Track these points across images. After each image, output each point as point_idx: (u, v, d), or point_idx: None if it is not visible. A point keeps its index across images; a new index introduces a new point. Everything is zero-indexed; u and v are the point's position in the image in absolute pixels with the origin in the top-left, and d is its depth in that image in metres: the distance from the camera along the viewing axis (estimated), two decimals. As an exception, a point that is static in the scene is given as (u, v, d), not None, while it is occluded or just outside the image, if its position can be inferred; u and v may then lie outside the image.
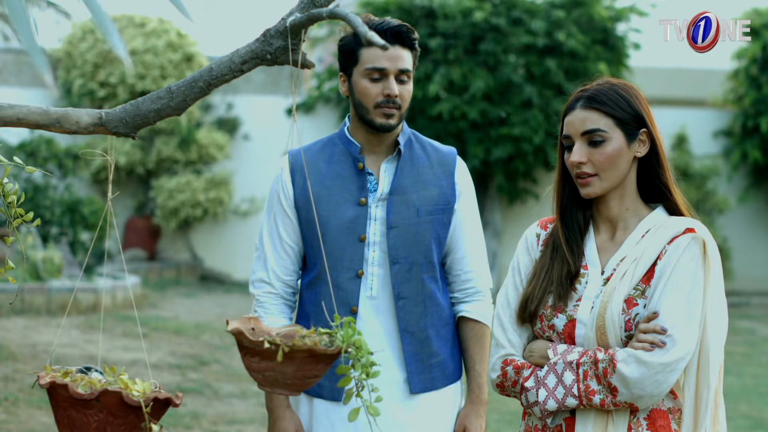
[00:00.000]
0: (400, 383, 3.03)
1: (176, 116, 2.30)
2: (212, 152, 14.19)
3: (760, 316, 13.17)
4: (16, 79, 14.29)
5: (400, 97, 2.99)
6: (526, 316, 2.63)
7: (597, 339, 2.51)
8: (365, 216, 3.01)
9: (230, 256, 14.41)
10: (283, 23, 2.19)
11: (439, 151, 3.13)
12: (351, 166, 3.04)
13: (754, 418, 7.25)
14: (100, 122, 2.28)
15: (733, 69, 14.82)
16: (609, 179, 2.57)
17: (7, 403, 6.70)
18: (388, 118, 2.98)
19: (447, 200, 3.07)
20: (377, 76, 2.98)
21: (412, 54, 3.03)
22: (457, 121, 13.40)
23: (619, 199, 2.60)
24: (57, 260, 10.61)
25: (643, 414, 2.51)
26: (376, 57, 2.98)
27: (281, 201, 3.07)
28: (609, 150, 2.55)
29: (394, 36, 2.99)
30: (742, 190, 14.84)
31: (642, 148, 2.59)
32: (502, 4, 13.63)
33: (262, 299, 3.08)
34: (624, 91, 2.59)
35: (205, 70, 2.25)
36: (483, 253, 3.14)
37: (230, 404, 7.05)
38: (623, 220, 2.61)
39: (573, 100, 2.61)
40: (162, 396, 2.20)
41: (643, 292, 2.51)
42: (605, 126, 2.55)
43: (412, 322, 3.02)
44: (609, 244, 2.62)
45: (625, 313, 2.50)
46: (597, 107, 2.56)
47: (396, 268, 3.00)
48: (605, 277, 2.57)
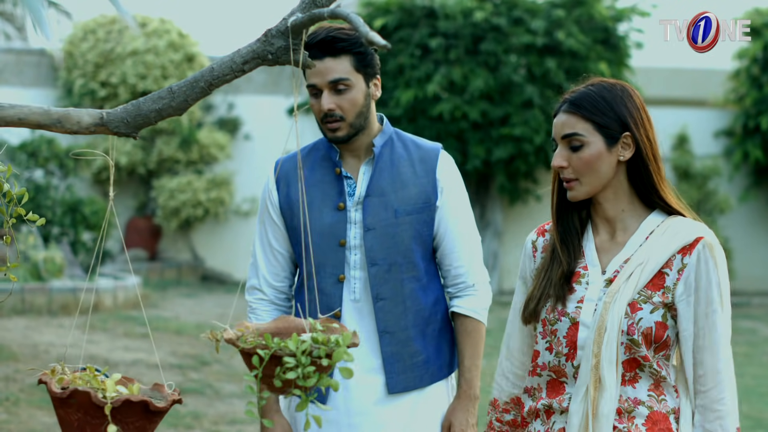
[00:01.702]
0: (380, 385, 3.03)
1: (177, 116, 2.31)
2: (213, 152, 14.20)
3: (761, 316, 13.17)
4: (17, 80, 14.31)
5: (340, 108, 2.95)
6: (527, 316, 2.63)
7: (595, 340, 2.50)
8: (345, 220, 3.02)
9: (231, 256, 14.42)
10: (284, 23, 2.19)
11: (422, 148, 3.10)
12: (331, 172, 3.05)
13: (755, 418, 7.26)
14: (102, 122, 2.28)
15: (734, 69, 14.83)
16: (590, 183, 2.55)
17: (8, 403, 6.71)
18: (333, 132, 2.98)
19: (427, 198, 3.04)
20: (315, 92, 2.98)
21: (352, 58, 2.96)
22: (457, 121, 13.40)
23: (612, 201, 2.59)
24: (58, 260, 10.62)
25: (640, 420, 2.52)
26: (311, 73, 2.96)
27: (269, 209, 3.11)
28: (586, 155, 2.54)
29: (321, 47, 2.93)
30: (743, 190, 14.85)
31: (626, 152, 2.56)
32: (502, 4, 13.64)
33: (254, 305, 3.12)
34: (611, 93, 2.56)
35: (207, 70, 2.25)
36: (474, 246, 3.11)
37: (231, 404, 7.05)
38: (621, 221, 2.60)
39: (561, 102, 2.60)
40: (135, 398, 2.17)
41: (649, 298, 2.50)
42: (583, 130, 2.54)
43: (392, 323, 3.02)
44: (609, 244, 2.60)
45: (628, 317, 2.49)
46: (576, 111, 2.55)
47: (374, 269, 3.00)
48: (607, 278, 2.56)
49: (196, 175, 14.15)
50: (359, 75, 2.97)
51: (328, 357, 2.00)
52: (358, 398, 3.02)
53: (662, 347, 2.52)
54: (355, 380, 2.99)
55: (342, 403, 3.02)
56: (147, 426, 2.21)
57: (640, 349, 2.49)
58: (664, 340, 2.51)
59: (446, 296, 3.14)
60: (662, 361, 2.53)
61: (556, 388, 2.60)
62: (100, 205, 12.09)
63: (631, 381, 2.52)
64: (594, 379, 2.51)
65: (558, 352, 2.57)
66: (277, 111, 14.56)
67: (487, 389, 4.06)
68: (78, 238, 11.85)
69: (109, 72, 13.98)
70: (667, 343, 2.52)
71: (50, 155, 12.05)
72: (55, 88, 14.46)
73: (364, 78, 2.98)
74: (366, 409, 3.01)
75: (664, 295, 2.51)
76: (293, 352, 1.99)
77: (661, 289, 2.52)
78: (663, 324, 2.51)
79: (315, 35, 2.93)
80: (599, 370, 2.50)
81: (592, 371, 2.51)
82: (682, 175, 14.55)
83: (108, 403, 2.15)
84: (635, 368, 2.51)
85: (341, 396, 3.02)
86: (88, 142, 13.47)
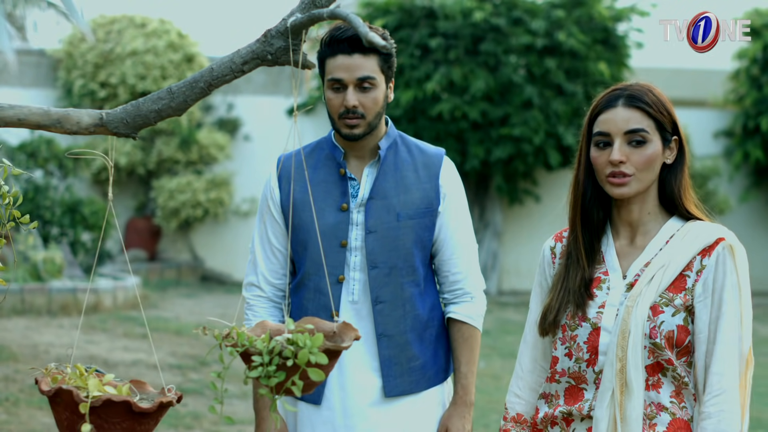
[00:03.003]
0: (376, 388, 3.03)
1: (177, 117, 2.30)
2: (213, 153, 14.20)
3: (760, 316, 13.16)
4: (17, 80, 14.31)
5: (363, 106, 2.95)
6: (546, 327, 2.59)
7: (618, 344, 2.46)
8: (347, 221, 3.01)
9: (231, 257, 14.42)
10: (283, 24, 2.19)
11: (426, 153, 3.10)
12: (335, 172, 3.04)
13: (755, 418, 7.25)
14: (101, 123, 2.28)
15: (733, 69, 14.83)
16: (644, 181, 2.52)
17: (8, 404, 6.71)
18: (351, 128, 2.96)
19: (430, 203, 3.05)
20: (338, 86, 2.95)
21: (378, 58, 2.96)
22: (457, 121, 13.40)
23: (641, 203, 2.55)
24: (58, 260, 10.61)
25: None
26: (336, 67, 2.94)
27: (270, 206, 3.10)
28: (649, 152, 2.50)
29: (351, 44, 2.92)
30: (743, 191, 14.84)
31: (671, 156, 2.55)
32: (502, 4, 13.63)
33: (252, 302, 3.11)
34: (660, 94, 2.55)
35: (206, 70, 2.25)
36: (472, 254, 3.11)
37: (231, 404, 7.05)
38: (644, 225, 2.57)
39: (609, 98, 2.54)
40: (117, 399, 2.16)
41: (671, 300, 2.48)
42: (648, 127, 2.51)
43: (390, 326, 3.02)
44: (629, 248, 2.57)
45: (650, 320, 2.46)
46: (641, 107, 2.51)
47: (374, 272, 3.00)
48: (628, 282, 2.53)
49: (196, 176, 14.15)
50: (382, 75, 2.99)
51: (296, 357, 2.00)
52: (353, 399, 3.02)
53: (684, 352, 2.49)
54: (351, 381, 3.00)
55: (338, 404, 3.02)
56: (135, 427, 2.19)
57: (664, 352, 2.46)
58: (686, 345, 2.48)
59: (441, 302, 3.14)
60: (685, 367, 2.50)
61: (575, 394, 2.57)
62: (100, 206, 12.08)
63: (655, 386, 2.49)
64: (620, 384, 2.47)
65: (578, 358, 2.54)
66: (276, 111, 14.55)
67: (482, 392, 4.06)
68: (77, 238, 11.84)
69: (108, 72, 13.97)
70: (689, 349, 2.49)
71: (49, 155, 12.04)
72: (55, 88, 14.46)
73: (385, 79, 3.00)
74: (361, 411, 3.01)
75: (685, 297, 2.49)
76: (260, 350, 2.00)
77: (683, 291, 2.49)
78: (685, 328, 2.48)
79: (343, 30, 2.93)
80: (624, 374, 2.46)
81: (617, 376, 2.47)
82: (681, 175, 14.55)
83: (84, 402, 2.14)
84: (658, 372, 2.48)
85: (337, 396, 3.03)
86: (87, 142, 13.46)
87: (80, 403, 2.15)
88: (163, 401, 2.23)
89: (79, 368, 2.27)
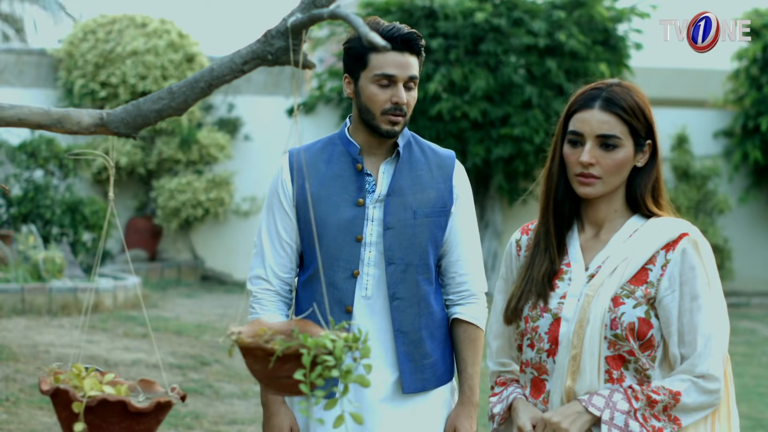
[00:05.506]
0: (392, 383, 3.05)
1: (177, 116, 2.31)
2: (213, 152, 14.19)
3: (760, 316, 13.17)
4: (17, 80, 14.30)
5: (407, 104, 3.01)
6: (509, 315, 2.64)
7: (575, 332, 2.50)
8: (363, 216, 3.02)
9: (231, 257, 14.42)
10: (284, 24, 2.19)
11: (438, 154, 3.14)
12: (350, 167, 3.05)
13: (755, 418, 7.25)
14: (102, 123, 2.29)
15: (733, 69, 14.83)
16: (611, 184, 2.56)
17: (8, 404, 6.71)
18: (393, 125, 3.00)
19: (444, 203, 3.08)
20: (386, 83, 2.99)
21: (418, 60, 3.04)
22: (457, 121, 13.41)
23: (608, 202, 2.60)
24: (58, 260, 10.61)
25: None
26: (386, 63, 2.98)
27: (281, 199, 3.08)
28: (620, 157, 2.53)
29: (404, 43, 2.98)
30: (743, 191, 14.85)
31: (642, 159, 2.58)
32: (502, 4, 13.64)
33: (259, 296, 3.10)
34: (639, 98, 2.55)
35: (206, 70, 2.25)
36: (479, 256, 3.15)
37: (231, 404, 7.05)
38: (610, 222, 2.61)
39: (587, 97, 2.56)
40: (112, 398, 2.15)
41: (632, 292, 2.51)
42: (621, 133, 2.53)
43: (407, 323, 3.03)
44: (593, 242, 2.61)
45: (611, 311, 2.49)
46: (617, 112, 2.53)
47: (391, 268, 3.02)
48: (590, 274, 2.56)
49: (196, 176, 14.15)
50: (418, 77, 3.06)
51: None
52: (367, 393, 3.02)
53: (648, 346, 2.51)
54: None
55: (352, 397, 3.02)
56: (134, 427, 2.18)
57: (625, 344, 2.49)
58: (648, 338, 2.50)
59: (445, 303, 3.15)
60: (648, 361, 2.52)
61: (538, 386, 2.60)
62: (100, 206, 12.08)
63: (619, 380, 2.51)
64: (571, 371, 2.50)
65: (539, 348, 2.58)
66: (277, 111, 14.56)
67: (483, 392, 4.06)
68: (78, 238, 11.84)
69: (109, 72, 13.97)
70: (651, 343, 2.51)
71: (50, 155, 12.04)
72: (55, 88, 14.46)
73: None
74: (372, 406, 3.02)
75: (646, 290, 2.51)
76: (330, 350, 2.02)
77: (644, 284, 2.52)
78: (646, 321, 2.50)
79: (396, 29, 2.98)
80: (578, 361, 2.49)
81: (569, 363, 2.50)
82: (681, 175, 14.55)
83: (78, 402, 2.14)
84: (621, 366, 2.51)
85: (352, 390, 3.03)
86: (87, 142, 13.47)
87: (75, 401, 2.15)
88: (160, 401, 2.21)
89: (77, 368, 2.27)
